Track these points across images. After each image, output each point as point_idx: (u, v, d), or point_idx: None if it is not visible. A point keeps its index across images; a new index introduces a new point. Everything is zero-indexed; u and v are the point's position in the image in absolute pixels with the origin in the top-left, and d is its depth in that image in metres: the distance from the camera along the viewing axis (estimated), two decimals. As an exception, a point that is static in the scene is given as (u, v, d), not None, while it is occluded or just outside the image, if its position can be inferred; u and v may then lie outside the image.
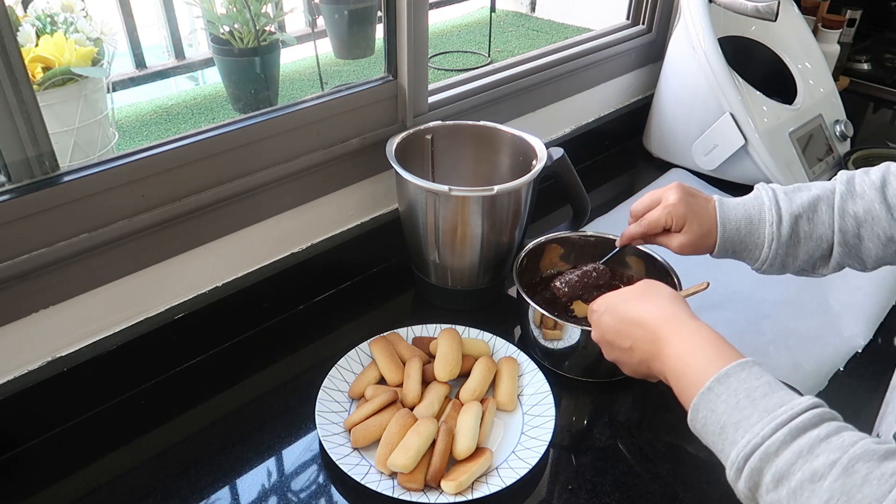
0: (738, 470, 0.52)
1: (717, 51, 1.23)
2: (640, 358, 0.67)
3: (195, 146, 0.84)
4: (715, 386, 0.56)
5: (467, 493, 0.73)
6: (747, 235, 0.76)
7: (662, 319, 0.65)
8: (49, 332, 0.80)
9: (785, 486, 0.49)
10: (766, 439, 0.51)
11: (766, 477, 0.50)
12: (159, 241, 0.85)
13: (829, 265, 0.76)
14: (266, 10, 1.45)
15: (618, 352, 0.71)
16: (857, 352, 0.95)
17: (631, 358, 0.69)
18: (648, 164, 1.44)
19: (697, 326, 0.63)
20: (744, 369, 0.56)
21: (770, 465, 0.50)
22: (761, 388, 0.55)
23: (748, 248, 0.77)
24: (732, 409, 0.55)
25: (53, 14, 1.10)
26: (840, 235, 0.73)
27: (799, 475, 0.48)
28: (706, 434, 0.57)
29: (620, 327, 0.69)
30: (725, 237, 0.77)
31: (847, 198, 0.73)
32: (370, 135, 1.02)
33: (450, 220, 0.93)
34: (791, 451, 0.49)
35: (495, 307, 1.04)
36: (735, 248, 0.78)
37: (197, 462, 0.79)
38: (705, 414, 0.56)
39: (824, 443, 0.49)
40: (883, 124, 1.70)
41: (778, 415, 0.52)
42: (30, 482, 0.77)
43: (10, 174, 0.73)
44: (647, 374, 0.69)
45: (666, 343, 0.63)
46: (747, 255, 0.78)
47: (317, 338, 0.98)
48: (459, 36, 2.28)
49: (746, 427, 0.53)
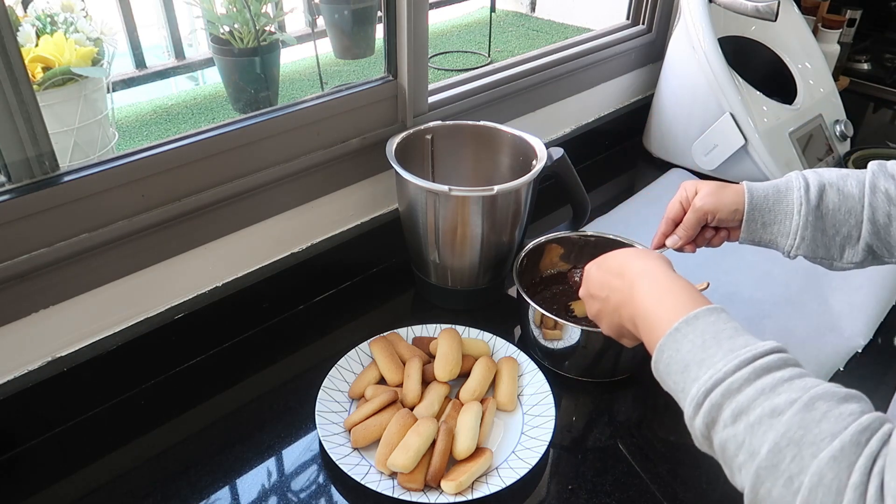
0: (697, 405, 0.52)
1: (717, 51, 1.24)
2: (615, 305, 0.67)
3: (195, 146, 0.84)
4: (682, 327, 0.57)
5: (467, 493, 0.73)
6: (775, 204, 0.75)
7: (642, 270, 0.66)
8: (49, 332, 0.80)
9: (743, 421, 0.49)
10: (729, 375, 0.51)
11: (726, 412, 0.50)
12: (159, 241, 0.85)
13: (858, 249, 0.74)
14: (266, 10, 1.45)
15: (598, 303, 0.71)
16: (857, 352, 0.95)
17: (607, 306, 0.69)
18: (648, 164, 1.44)
19: (674, 277, 0.64)
20: (712, 314, 0.57)
21: (731, 400, 0.50)
22: (727, 332, 0.55)
23: (777, 218, 0.75)
24: (698, 348, 0.55)
25: (53, 14, 1.10)
26: (870, 211, 0.72)
27: (759, 410, 0.48)
28: (669, 374, 0.57)
29: (604, 278, 0.70)
30: (753, 202, 0.75)
31: (879, 175, 0.72)
32: (370, 135, 1.02)
33: (450, 220, 0.93)
34: (754, 388, 0.50)
35: (495, 307, 1.04)
36: (764, 219, 0.76)
37: (197, 462, 0.79)
38: (670, 354, 0.57)
39: (787, 383, 0.49)
40: (883, 124, 1.70)
41: (742, 353, 0.52)
42: (30, 482, 0.77)
43: (10, 174, 0.73)
44: (620, 326, 0.69)
45: (639, 288, 0.64)
46: (777, 230, 0.76)
47: (317, 338, 0.98)
48: (459, 36, 2.29)
49: (710, 364, 0.53)
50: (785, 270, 1.09)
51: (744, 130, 1.24)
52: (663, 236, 0.84)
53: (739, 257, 1.10)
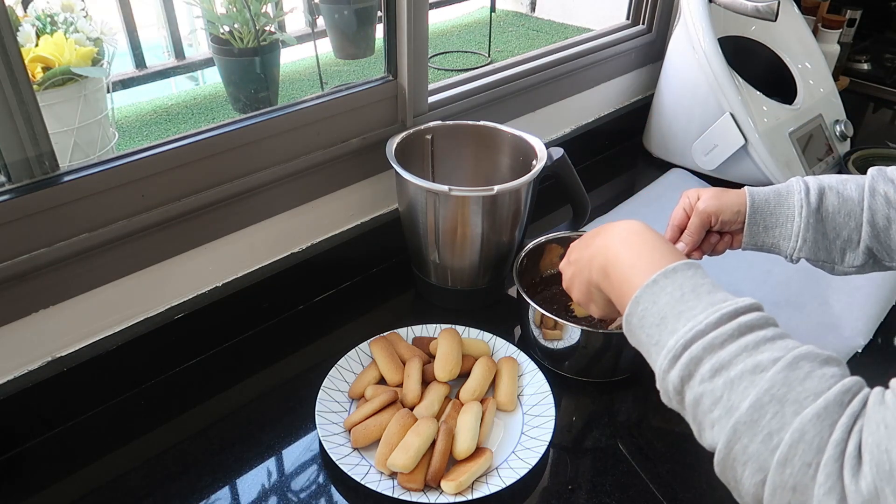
0: (674, 358, 0.52)
1: (717, 51, 1.24)
2: (588, 258, 0.66)
3: (195, 146, 0.84)
4: (660, 279, 0.56)
5: (467, 493, 0.73)
6: (777, 207, 0.76)
7: (621, 226, 0.65)
8: (49, 332, 0.80)
9: (722, 377, 0.49)
10: (711, 329, 0.51)
11: (704, 367, 0.50)
12: (159, 241, 0.85)
13: (859, 253, 0.74)
14: (266, 10, 1.45)
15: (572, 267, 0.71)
16: (857, 352, 0.95)
17: (580, 264, 0.68)
18: (648, 164, 1.44)
19: (653, 233, 0.63)
20: (690, 268, 0.57)
21: (712, 355, 0.50)
22: (706, 286, 0.55)
23: (779, 221, 0.76)
24: (677, 300, 0.54)
25: (53, 14, 1.10)
26: (869, 214, 0.72)
27: (741, 366, 0.48)
28: (642, 328, 0.56)
29: (582, 241, 0.71)
30: (755, 205, 0.76)
31: (878, 179, 0.73)
32: (370, 135, 1.02)
33: (450, 220, 0.93)
34: (737, 345, 0.50)
35: (495, 307, 1.04)
36: (766, 223, 0.77)
37: (197, 462, 0.79)
38: (646, 306, 0.56)
39: (769, 342, 0.49)
40: (883, 124, 1.70)
41: (723, 307, 0.52)
42: (30, 482, 0.77)
43: (10, 174, 0.73)
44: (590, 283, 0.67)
45: (615, 239, 0.63)
46: (779, 233, 0.76)
47: (317, 338, 0.98)
48: (459, 36, 2.29)
49: (689, 317, 0.52)
50: (785, 270, 1.09)
51: (744, 130, 1.24)
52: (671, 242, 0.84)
53: (739, 257, 1.10)
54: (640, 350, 0.58)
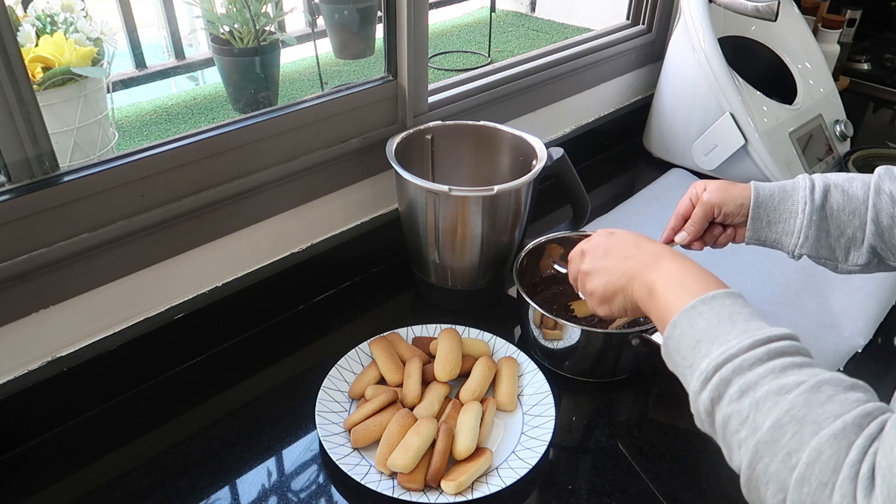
0: (705, 380, 0.53)
1: (717, 51, 1.24)
2: (630, 268, 0.67)
3: (195, 146, 0.84)
4: (699, 305, 0.57)
5: (467, 493, 0.73)
6: (781, 202, 0.76)
7: (666, 249, 0.67)
8: (49, 332, 0.80)
9: (749, 397, 0.50)
10: (742, 353, 0.52)
11: (733, 388, 0.51)
12: (159, 241, 0.85)
13: (863, 252, 0.75)
14: (266, 10, 1.45)
15: (604, 261, 0.70)
16: (857, 352, 0.95)
17: (617, 267, 0.68)
18: (648, 164, 1.44)
19: (696, 264, 0.65)
20: (730, 296, 0.58)
21: (740, 377, 0.51)
22: (743, 315, 0.56)
23: (782, 216, 0.76)
24: (713, 325, 0.55)
25: (53, 14, 1.10)
26: (874, 212, 0.73)
27: (766, 387, 0.49)
28: (678, 350, 0.57)
29: (628, 242, 0.70)
30: (759, 202, 0.77)
31: (885, 178, 0.73)
32: (370, 135, 1.02)
33: (450, 220, 0.93)
34: (765, 367, 0.50)
35: (495, 307, 1.04)
36: (769, 218, 0.77)
37: (197, 462, 0.79)
38: (683, 330, 0.57)
39: (797, 368, 0.50)
40: (883, 124, 1.70)
41: (756, 334, 0.53)
42: (30, 482, 0.77)
43: (10, 174, 0.73)
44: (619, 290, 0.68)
45: (665, 262, 0.65)
46: (782, 228, 0.77)
47: (317, 338, 0.98)
48: (459, 36, 2.29)
49: (723, 341, 0.53)
50: (785, 270, 1.09)
51: (744, 130, 1.24)
52: (672, 231, 0.84)
53: (739, 257, 1.10)
54: (676, 374, 0.59)
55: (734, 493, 0.64)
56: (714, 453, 0.81)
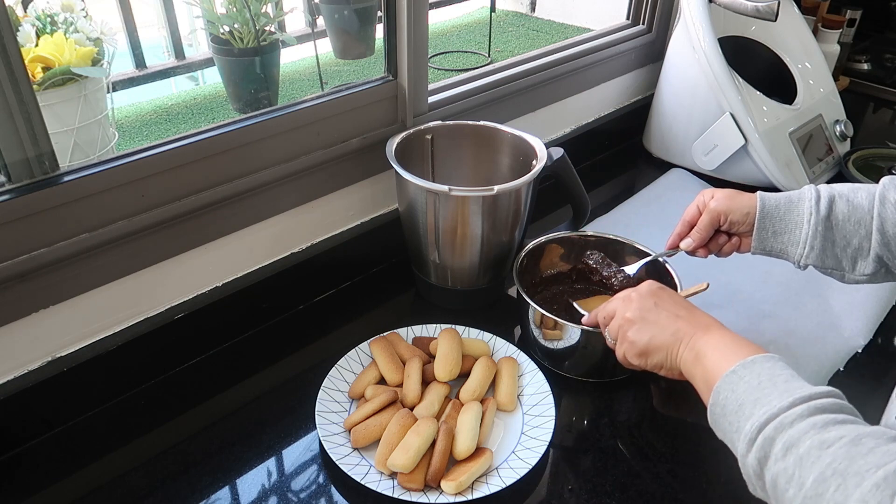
0: (750, 441, 0.53)
1: (717, 51, 1.23)
2: (680, 328, 0.68)
3: (195, 146, 0.84)
4: (739, 369, 0.58)
5: (467, 493, 0.73)
6: (786, 213, 0.77)
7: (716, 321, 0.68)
8: (49, 332, 0.80)
9: (793, 454, 0.50)
10: (783, 411, 0.52)
11: (777, 446, 0.51)
12: (159, 241, 0.85)
13: (869, 260, 0.75)
14: (266, 10, 1.45)
15: (655, 314, 0.70)
16: (857, 352, 0.95)
17: (668, 325, 0.69)
18: (648, 164, 1.44)
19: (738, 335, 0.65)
20: (769, 360, 0.59)
21: (783, 434, 0.51)
22: (784, 376, 0.56)
23: (787, 227, 0.78)
24: (754, 388, 0.56)
25: (53, 14, 1.10)
26: (879, 221, 0.73)
27: (808, 443, 0.49)
28: (724, 415, 0.58)
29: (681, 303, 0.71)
30: (765, 212, 0.78)
31: (889, 188, 0.74)
32: (370, 135, 1.02)
33: (450, 220, 0.93)
34: (806, 423, 0.51)
35: (495, 307, 1.04)
36: (775, 228, 0.78)
37: (197, 462, 0.79)
38: (726, 395, 0.58)
39: (839, 424, 0.50)
40: (883, 124, 1.70)
41: (797, 392, 0.53)
42: (30, 482, 0.77)
43: (10, 174, 0.73)
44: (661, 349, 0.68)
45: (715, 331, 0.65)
46: (787, 239, 0.78)
47: (317, 338, 0.98)
48: (459, 36, 2.29)
49: (765, 402, 0.54)
50: (785, 270, 1.09)
51: (744, 130, 1.24)
52: (678, 237, 0.86)
53: (739, 257, 1.10)
54: (725, 441, 0.59)
55: (734, 493, 0.64)
56: (714, 453, 0.81)
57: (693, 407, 0.86)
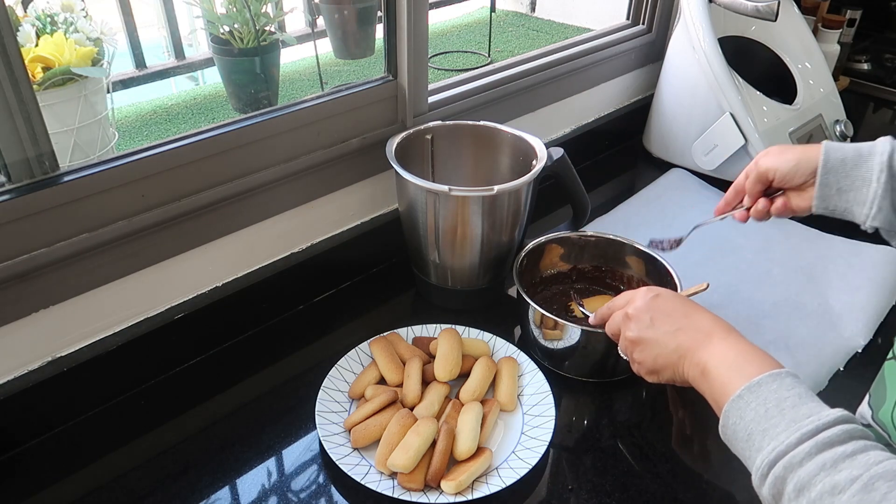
0: (762, 476, 0.53)
1: (717, 51, 1.24)
2: (681, 344, 0.65)
3: (195, 146, 0.84)
4: (745, 394, 0.57)
5: (467, 493, 0.73)
6: (854, 168, 0.70)
7: (718, 322, 0.66)
8: (49, 332, 0.80)
9: (805, 497, 0.49)
10: (791, 448, 0.51)
11: (789, 486, 0.51)
12: (159, 241, 0.85)
13: None
14: (266, 9, 1.45)
15: (653, 332, 0.68)
16: (857, 352, 0.95)
17: (668, 342, 0.66)
18: (648, 164, 1.44)
19: (745, 340, 0.64)
20: (776, 380, 0.57)
21: (793, 474, 0.50)
22: (791, 399, 0.55)
23: (855, 184, 0.70)
24: (761, 417, 0.55)
25: (53, 14, 1.10)
26: None
27: (820, 486, 0.48)
28: (735, 441, 0.57)
29: (676, 311, 0.68)
30: (828, 167, 0.71)
31: None
32: (370, 135, 1.02)
33: (450, 220, 0.93)
34: (815, 464, 0.50)
35: (495, 307, 1.04)
36: (840, 185, 0.71)
37: (197, 462, 0.79)
38: (735, 421, 0.57)
39: (849, 459, 0.49)
40: (883, 124, 1.70)
41: (804, 425, 0.52)
42: (30, 482, 0.77)
43: (10, 174, 0.73)
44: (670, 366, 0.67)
45: (719, 338, 0.63)
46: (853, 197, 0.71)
47: (317, 338, 0.98)
48: (459, 36, 2.29)
49: (773, 435, 0.53)
50: (785, 270, 1.09)
51: (744, 130, 1.24)
52: (727, 204, 0.82)
53: (739, 257, 1.10)
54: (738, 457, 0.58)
55: (734, 493, 0.64)
56: (714, 453, 0.81)
57: (693, 408, 0.87)
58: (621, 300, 0.75)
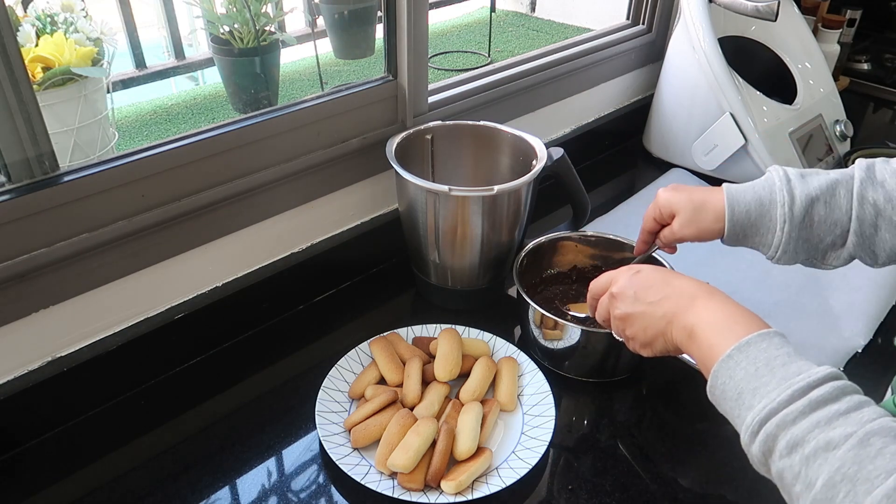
0: (752, 434, 0.53)
1: (717, 51, 1.24)
2: (667, 311, 0.66)
3: (195, 146, 0.84)
4: (735, 354, 0.57)
5: (467, 493, 0.73)
6: (758, 219, 0.74)
7: (701, 285, 0.66)
8: (49, 332, 0.80)
9: (798, 453, 0.49)
10: (783, 406, 0.51)
11: (781, 443, 0.51)
12: (159, 241, 0.85)
13: (842, 255, 0.73)
14: (266, 10, 1.45)
15: (639, 305, 0.68)
16: (857, 352, 0.95)
17: (654, 311, 0.67)
18: (648, 164, 1.44)
19: (732, 300, 0.64)
20: (765, 339, 0.57)
21: (786, 432, 0.50)
22: (781, 358, 0.55)
23: (759, 231, 0.74)
24: (751, 376, 0.55)
25: (53, 14, 1.10)
26: (857, 223, 0.71)
27: (814, 443, 0.49)
28: (724, 400, 0.57)
29: (658, 281, 0.68)
30: (735, 220, 0.75)
31: (867, 184, 0.71)
32: (370, 135, 1.02)
33: (450, 220, 0.93)
34: (809, 421, 0.50)
35: (495, 307, 1.04)
36: (746, 233, 0.75)
37: (197, 462, 0.79)
38: (724, 381, 0.57)
39: (843, 417, 0.49)
40: (883, 124, 1.70)
41: (795, 382, 0.52)
42: (30, 482, 0.77)
43: (10, 174, 0.73)
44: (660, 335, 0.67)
45: (704, 300, 0.63)
46: (759, 241, 0.75)
47: (317, 338, 0.98)
48: (459, 36, 2.29)
49: (763, 393, 0.53)
50: (785, 270, 1.09)
51: (744, 130, 1.24)
52: (644, 244, 0.85)
53: (739, 257, 1.10)
54: (727, 417, 0.58)
55: (733, 493, 0.64)
56: (714, 453, 0.81)
57: (693, 408, 0.87)
58: (604, 279, 0.75)
